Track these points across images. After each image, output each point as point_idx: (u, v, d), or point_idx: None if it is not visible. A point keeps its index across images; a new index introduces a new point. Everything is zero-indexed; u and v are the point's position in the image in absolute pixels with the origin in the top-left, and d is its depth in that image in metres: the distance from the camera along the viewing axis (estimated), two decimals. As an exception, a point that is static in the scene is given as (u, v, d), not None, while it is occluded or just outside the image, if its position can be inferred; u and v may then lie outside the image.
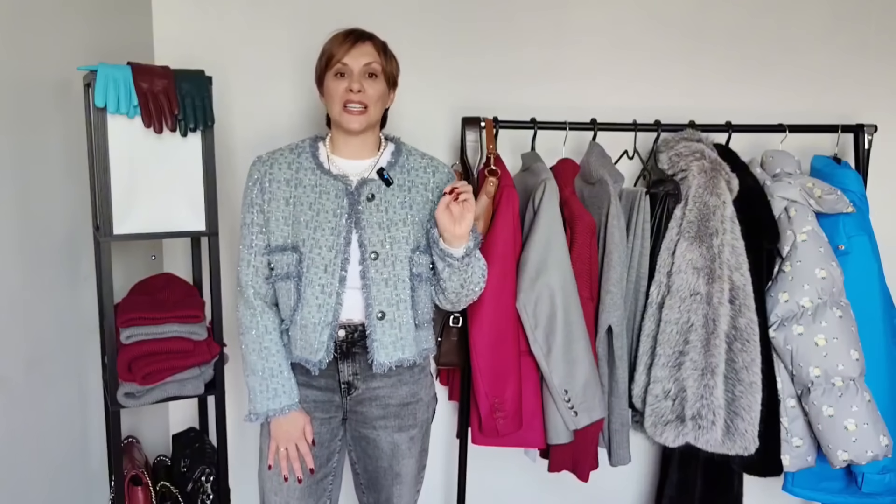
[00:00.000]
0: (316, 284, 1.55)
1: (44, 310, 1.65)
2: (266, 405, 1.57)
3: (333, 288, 1.54)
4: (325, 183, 1.57)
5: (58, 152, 1.72)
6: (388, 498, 1.70)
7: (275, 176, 1.58)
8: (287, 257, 1.56)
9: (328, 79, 1.56)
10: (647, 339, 1.99)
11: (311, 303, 1.55)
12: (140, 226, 1.71)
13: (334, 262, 1.54)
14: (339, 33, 1.57)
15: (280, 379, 1.58)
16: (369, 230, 1.55)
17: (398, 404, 1.65)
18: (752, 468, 2.04)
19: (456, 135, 2.21)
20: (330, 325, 1.55)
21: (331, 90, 1.55)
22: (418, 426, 1.68)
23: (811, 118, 2.22)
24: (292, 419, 1.59)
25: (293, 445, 1.59)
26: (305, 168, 1.59)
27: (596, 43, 2.27)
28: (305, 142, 1.64)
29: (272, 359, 1.58)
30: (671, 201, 1.98)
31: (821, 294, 1.94)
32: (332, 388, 1.63)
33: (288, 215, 1.57)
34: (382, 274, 1.56)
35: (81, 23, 1.78)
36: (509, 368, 1.89)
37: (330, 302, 1.55)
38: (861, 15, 2.34)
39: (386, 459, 1.67)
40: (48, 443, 1.67)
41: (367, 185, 1.57)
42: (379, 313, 1.56)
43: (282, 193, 1.57)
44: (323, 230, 1.55)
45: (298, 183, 1.58)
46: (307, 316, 1.55)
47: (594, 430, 1.97)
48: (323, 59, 1.57)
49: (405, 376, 1.65)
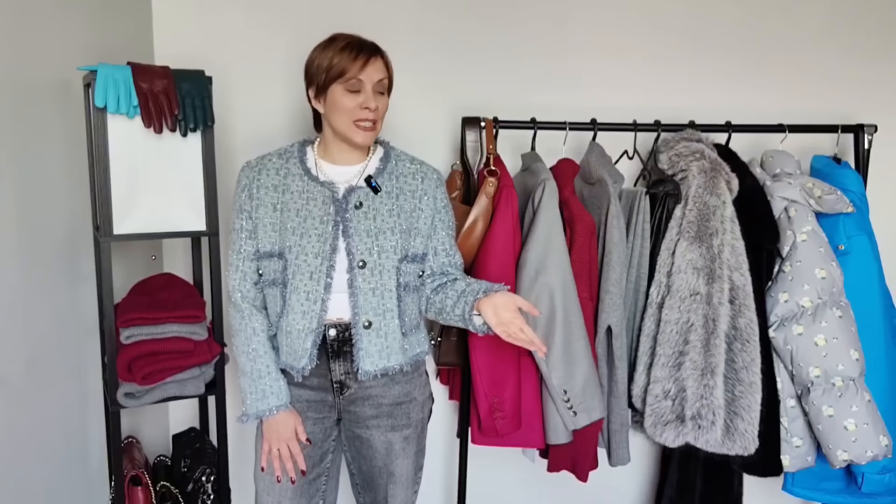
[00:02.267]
0: (301, 291, 1.55)
1: (43, 310, 1.65)
2: (256, 406, 1.59)
3: (318, 295, 1.55)
4: (312, 189, 1.57)
5: (58, 152, 1.72)
6: (384, 498, 1.71)
7: (262, 182, 1.58)
8: (274, 263, 1.57)
9: (336, 91, 1.52)
10: (646, 339, 1.99)
11: (295, 309, 1.56)
12: (140, 226, 1.71)
13: (320, 269, 1.54)
14: (348, 45, 1.51)
15: (268, 380, 1.59)
16: (357, 238, 1.55)
17: (391, 403, 1.65)
18: (752, 468, 2.04)
19: (456, 135, 2.21)
20: (314, 332, 1.56)
21: (341, 104, 1.52)
22: (412, 426, 1.68)
23: (811, 118, 2.22)
24: (283, 420, 1.59)
25: (284, 446, 1.60)
26: (293, 174, 1.59)
27: (596, 43, 2.27)
28: (294, 146, 1.64)
29: (260, 360, 1.59)
30: (671, 201, 1.98)
31: (821, 294, 1.94)
32: (325, 387, 1.63)
33: (276, 221, 1.57)
34: (370, 283, 1.56)
35: (81, 23, 1.78)
36: (508, 368, 1.89)
37: (315, 308, 1.55)
38: (861, 15, 2.34)
39: (380, 459, 1.67)
40: (48, 443, 1.67)
41: (355, 192, 1.57)
42: (366, 322, 1.56)
43: (269, 199, 1.58)
44: (309, 237, 1.55)
45: (286, 189, 1.58)
46: (292, 322, 1.57)
47: (593, 430, 1.97)
48: (332, 71, 1.51)
49: (398, 376, 1.65)
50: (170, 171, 1.71)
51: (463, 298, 1.58)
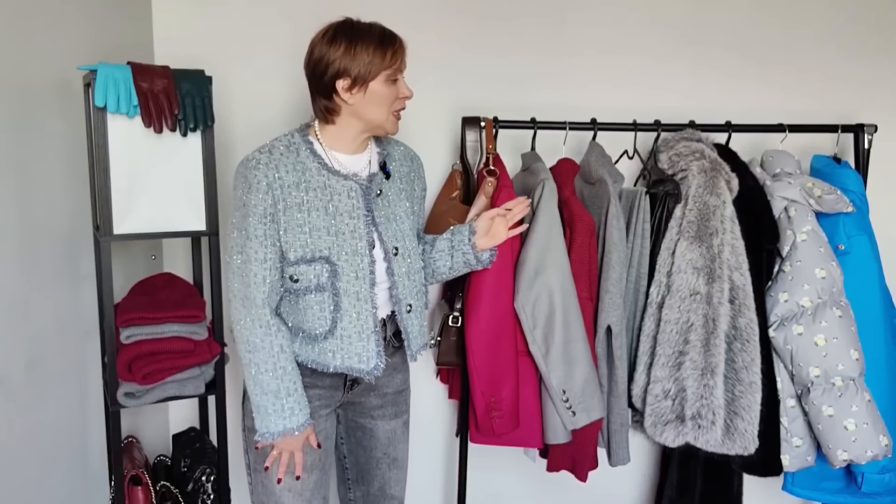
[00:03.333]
0: (350, 293, 1.51)
1: (44, 309, 1.65)
2: (282, 424, 1.50)
3: (367, 293, 1.52)
4: (334, 184, 1.50)
5: (58, 152, 1.72)
6: (383, 485, 1.72)
7: (284, 181, 1.47)
8: (315, 268, 1.48)
9: (379, 83, 1.47)
10: (646, 338, 1.99)
11: (350, 312, 1.51)
12: (140, 226, 1.71)
13: (362, 266, 1.51)
14: (384, 35, 1.49)
15: (296, 397, 1.51)
16: (384, 226, 1.55)
17: (394, 392, 1.70)
18: (752, 468, 2.04)
19: (456, 135, 2.21)
20: (374, 332, 1.53)
21: (383, 95, 1.49)
22: (408, 410, 1.76)
23: (811, 118, 2.22)
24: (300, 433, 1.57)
25: (290, 454, 1.56)
26: (310, 168, 1.50)
27: (596, 43, 2.27)
28: (296, 137, 1.54)
29: (287, 378, 1.50)
30: (671, 201, 1.98)
31: (821, 294, 1.94)
32: (337, 385, 1.63)
33: (303, 223, 1.48)
34: (404, 268, 1.58)
35: (81, 23, 1.78)
36: (506, 368, 1.89)
37: (367, 308, 1.52)
38: (861, 15, 2.34)
39: (381, 448, 1.71)
40: (48, 443, 1.67)
41: (374, 180, 1.56)
42: (407, 307, 1.58)
43: (294, 200, 1.47)
44: (343, 235, 1.50)
45: (308, 186, 1.49)
46: (348, 327, 1.51)
47: (593, 430, 1.97)
48: (381, 63, 1.46)
49: (398, 364, 1.69)
50: (170, 171, 1.71)
51: (459, 250, 1.68)
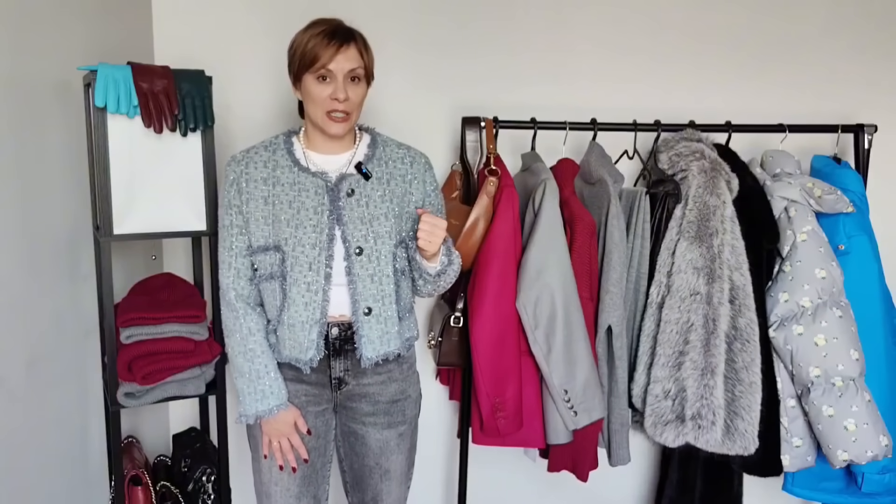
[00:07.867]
0: (301, 283, 1.55)
1: (44, 309, 1.65)
2: (255, 406, 1.58)
3: (319, 285, 1.54)
4: (303, 180, 1.56)
5: (58, 152, 1.72)
6: (375, 496, 1.72)
7: (251, 175, 1.56)
8: (270, 257, 1.56)
9: (309, 80, 1.51)
10: (647, 339, 1.99)
11: (297, 301, 1.55)
12: (140, 226, 1.71)
13: (318, 260, 1.54)
14: (321, 31, 1.49)
15: (267, 380, 1.58)
16: (352, 226, 1.55)
17: (388, 401, 1.66)
18: (752, 468, 2.04)
19: (456, 135, 2.21)
20: (318, 323, 1.56)
21: (313, 93, 1.51)
22: (407, 423, 1.70)
23: (811, 118, 2.22)
24: (282, 417, 1.60)
25: (285, 440, 1.61)
26: (282, 166, 1.57)
27: (596, 43, 2.27)
28: (279, 138, 1.62)
29: (258, 360, 1.58)
30: (671, 201, 1.98)
31: (821, 294, 1.94)
32: (323, 383, 1.64)
33: (267, 214, 1.55)
34: (367, 270, 1.56)
35: (81, 23, 1.78)
36: (510, 368, 1.89)
37: (316, 299, 1.55)
38: (861, 15, 2.34)
39: (373, 457, 1.69)
40: (48, 443, 1.67)
41: (346, 180, 1.56)
42: (365, 309, 1.57)
43: (259, 193, 1.56)
44: (304, 228, 1.54)
45: (276, 181, 1.56)
46: (294, 315, 1.56)
47: (594, 430, 1.97)
48: (304, 59, 1.49)
49: (395, 373, 1.66)
50: (170, 171, 1.71)
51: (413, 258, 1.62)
